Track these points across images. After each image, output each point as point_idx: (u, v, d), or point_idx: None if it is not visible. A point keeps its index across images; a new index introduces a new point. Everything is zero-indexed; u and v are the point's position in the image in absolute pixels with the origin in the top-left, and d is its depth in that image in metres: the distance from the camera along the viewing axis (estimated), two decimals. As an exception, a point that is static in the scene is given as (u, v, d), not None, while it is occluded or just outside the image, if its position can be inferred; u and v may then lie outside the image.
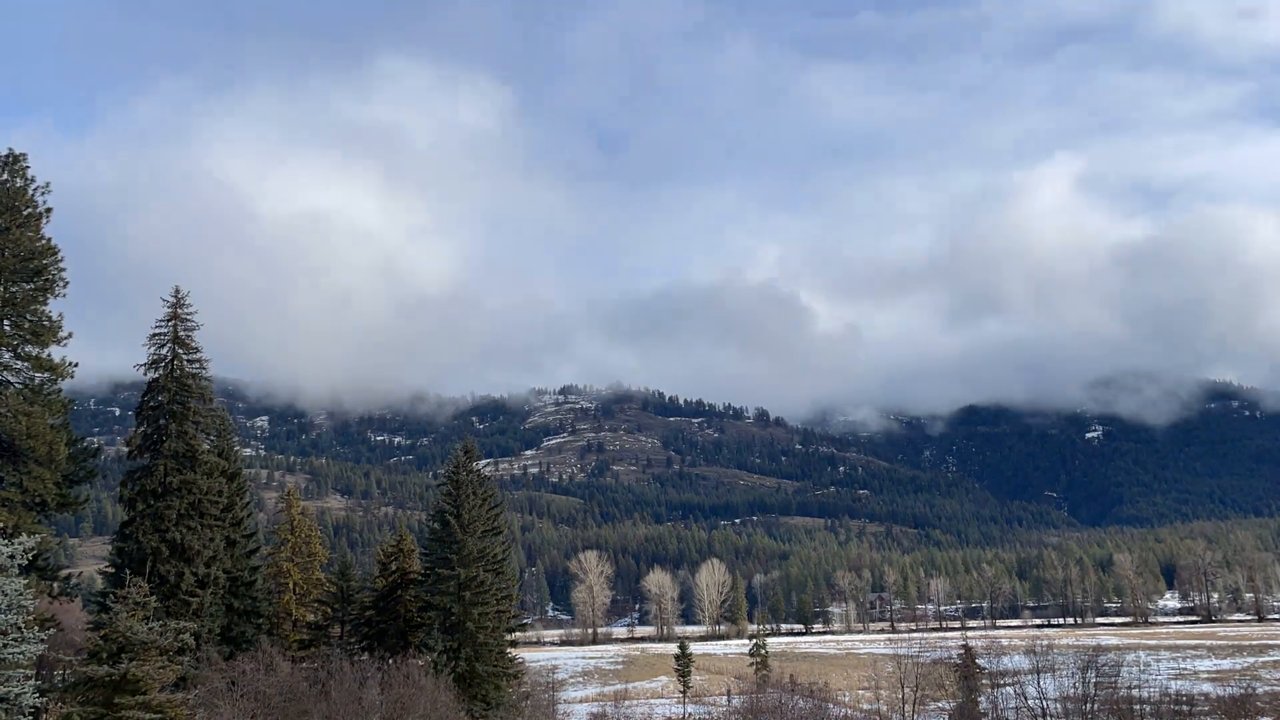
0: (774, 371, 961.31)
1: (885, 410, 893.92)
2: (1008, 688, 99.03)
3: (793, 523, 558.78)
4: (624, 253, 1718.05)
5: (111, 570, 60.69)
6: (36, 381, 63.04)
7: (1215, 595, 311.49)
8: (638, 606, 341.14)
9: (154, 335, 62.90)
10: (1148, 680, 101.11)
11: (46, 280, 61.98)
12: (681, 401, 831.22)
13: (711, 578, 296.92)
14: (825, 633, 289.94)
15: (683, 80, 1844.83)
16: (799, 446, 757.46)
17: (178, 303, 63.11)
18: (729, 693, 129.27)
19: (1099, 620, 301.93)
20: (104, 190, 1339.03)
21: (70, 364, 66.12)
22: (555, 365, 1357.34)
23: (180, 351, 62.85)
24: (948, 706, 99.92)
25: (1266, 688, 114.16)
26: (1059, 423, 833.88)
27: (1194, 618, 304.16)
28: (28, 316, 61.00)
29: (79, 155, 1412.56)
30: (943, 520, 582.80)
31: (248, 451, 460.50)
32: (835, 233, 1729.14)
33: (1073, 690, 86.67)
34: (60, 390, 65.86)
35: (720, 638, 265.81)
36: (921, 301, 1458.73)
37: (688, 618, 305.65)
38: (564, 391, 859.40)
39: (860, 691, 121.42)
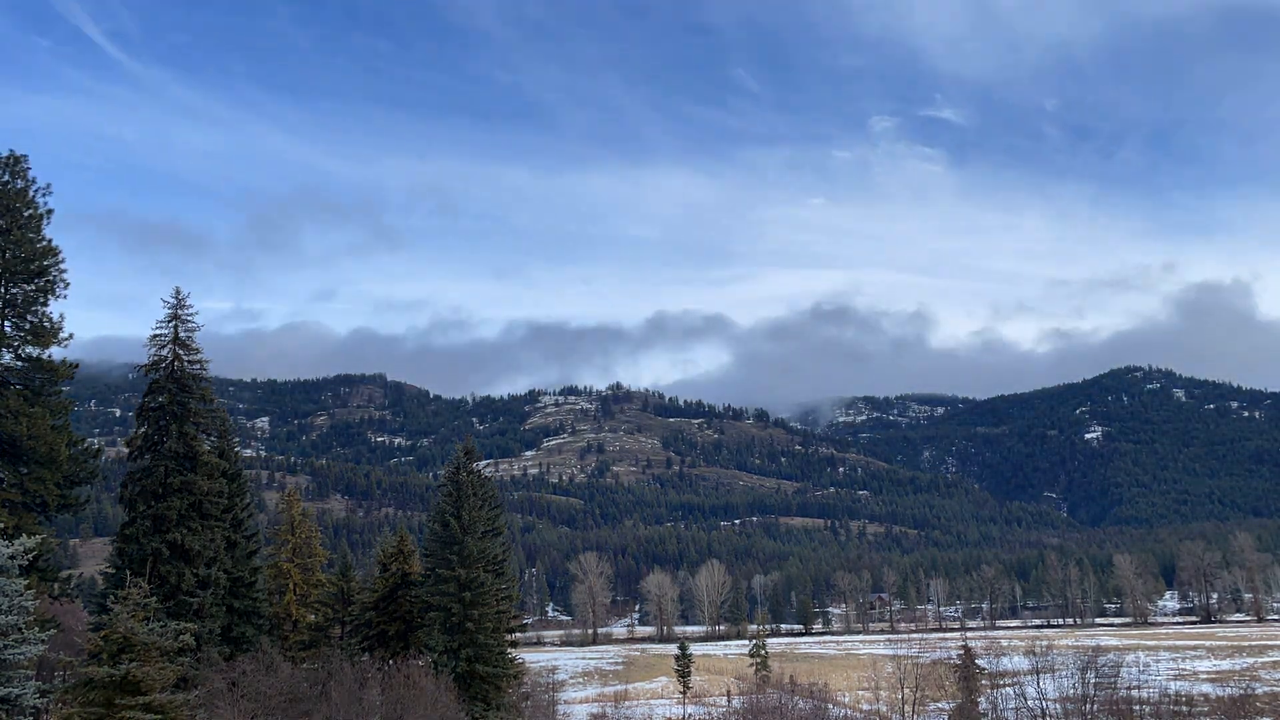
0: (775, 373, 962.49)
1: (885, 411, 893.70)
2: (1007, 688, 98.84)
3: (792, 523, 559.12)
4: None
5: (112, 571, 60.59)
6: (37, 383, 63.09)
7: (1215, 596, 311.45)
8: (638, 607, 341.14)
9: (155, 336, 62.56)
10: (1147, 681, 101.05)
11: (47, 282, 62.07)
12: (681, 402, 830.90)
13: (711, 578, 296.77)
14: (825, 633, 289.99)
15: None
16: (798, 447, 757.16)
17: (178, 304, 62.89)
18: (729, 693, 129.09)
19: (1098, 621, 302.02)
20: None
21: (70, 365, 66.18)
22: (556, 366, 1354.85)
23: (181, 353, 62.66)
24: (947, 707, 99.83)
25: (1266, 688, 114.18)
26: (1059, 423, 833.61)
27: (1194, 618, 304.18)
28: (29, 318, 61.09)
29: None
30: (942, 521, 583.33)
31: (248, 452, 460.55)
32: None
33: (1072, 691, 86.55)
34: (61, 391, 65.90)
35: (720, 638, 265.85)
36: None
37: (688, 618, 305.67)
38: (564, 392, 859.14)
39: (860, 692, 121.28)
